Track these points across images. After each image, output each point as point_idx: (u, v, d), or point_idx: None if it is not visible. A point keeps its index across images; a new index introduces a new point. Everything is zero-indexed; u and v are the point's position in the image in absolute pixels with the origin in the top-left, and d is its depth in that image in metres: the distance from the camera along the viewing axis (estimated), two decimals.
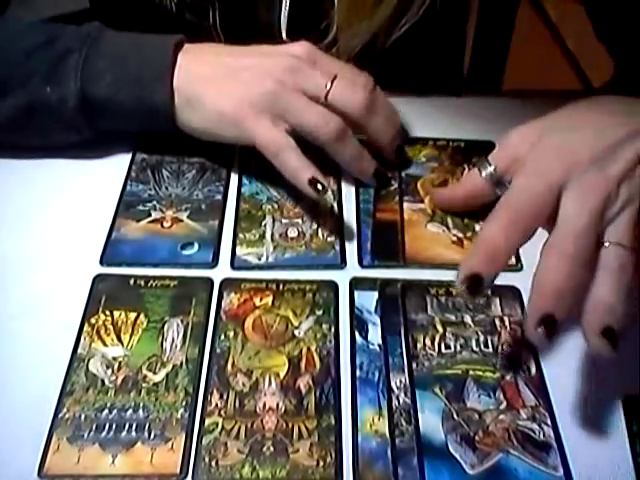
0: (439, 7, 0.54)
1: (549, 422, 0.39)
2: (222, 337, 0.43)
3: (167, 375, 0.41)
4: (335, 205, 0.52)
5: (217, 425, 0.39)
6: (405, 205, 0.52)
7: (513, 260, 0.48)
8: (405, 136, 0.54)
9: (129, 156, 0.55)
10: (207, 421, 0.39)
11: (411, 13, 0.54)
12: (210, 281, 0.46)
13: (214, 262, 0.48)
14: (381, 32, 0.55)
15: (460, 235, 0.49)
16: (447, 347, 0.43)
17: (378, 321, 0.44)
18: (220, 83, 0.50)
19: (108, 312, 0.44)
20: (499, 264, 0.38)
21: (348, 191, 0.53)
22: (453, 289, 0.46)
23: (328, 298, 0.45)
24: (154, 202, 0.51)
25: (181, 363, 0.42)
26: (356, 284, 0.46)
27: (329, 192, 0.49)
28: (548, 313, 0.36)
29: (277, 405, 0.40)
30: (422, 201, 0.52)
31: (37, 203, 0.51)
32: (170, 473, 0.37)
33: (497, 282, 0.45)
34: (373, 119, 0.51)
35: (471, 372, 0.41)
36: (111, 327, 0.43)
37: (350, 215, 0.51)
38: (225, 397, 0.40)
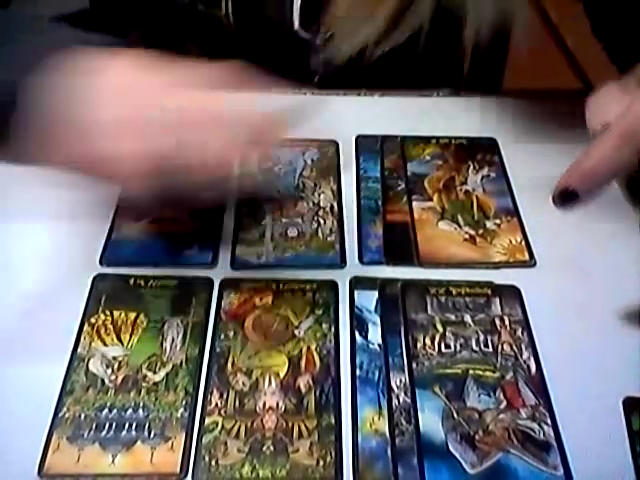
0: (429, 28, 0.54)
1: (549, 422, 0.39)
2: (222, 337, 0.43)
3: (167, 375, 0.41)
4: (335, 205, 0.52)
5: (217, 424, 0.39)
6: (414, 204, 0.52)
7: (527, 256, 0.48)
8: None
9: None
10: (207, 420, 0.39)
11: (399, 33, 0.54)
12: (210, 281, 0.46)
13: (214, 262, 0.47)
14: (370, 44, 0.55)
15: (472, 232, 0.50)
16: (447, 347, 0.43)
17: (378, 321, 0.44)
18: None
19: (108, 312, 0.44)
20: (598, 183, 0.39)
21: (348, 191, 0.53)
22: (453, 288, 0.46)
23: (328, 298, 0.45)
24: None
25: (181, 363, 0.42)
26: (356, 284, 0.46)
27: None
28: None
29: (277, 404, 0.40)
30: (431, 199, 0.52)
31: (37, 203, 0.51)
32: (170, 472, 0.37)
33: (497, 282, 0.46)
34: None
35: (471, 372, 0.41)
36: (111, 327, 0.43)
37: (350, 215, 0.51)
38: (225, 396, 0.40)
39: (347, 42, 0.55)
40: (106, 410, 0.39)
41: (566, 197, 0.39)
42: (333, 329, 0.44)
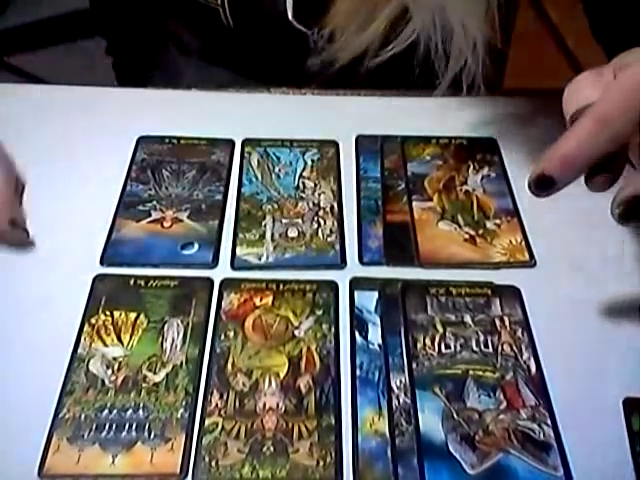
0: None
1: (549, 422, 0.39)
2: (222, 337, 0.43)
3: (167, 375, 0.41)
4: (335, 205, 0.52)
5: (217, 425, 0.39)
6: (414, 204, 0.52)
7: (527, 256, 0.48)
8: None
9: (129, 156, 0.55)
10: (207, 421, 0.39)
11: (400, 39, 0.54)
12: (210, 281, 0.46)
13: (214, 262, 0.48)
14: (370, 50, 0.55)
15: (472, 233, 0.50)
16: (447, 347, 0.43)
17: (378, 321, 0.44)
18: None
19: (108, 312, 0.44)
20: (575, 169, 0.38)
21: (348, 191, 0.53)
22: (453, 289, 0.46)
23: (328, 298, 0.45)
24: (154, 202, 0.51)
25: (181, 363, 0.42)
26: (356, 284, 0.46)
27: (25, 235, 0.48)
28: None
29: (277, 405, 0.40)
30: (431, 199, 0.52)
31: (37, 203, 0.51)
32: (170, 473, 0.37)
33: (497, 282, 0.46)
34: None
35: (471, 372, 0.41)
36: (111, 327, 0.43)
37: (350, 215, 0.51)
38: (225, 397, 0.40)
39: (345, 46, 0.54)
40: (106, 411, 0.39)
41: (542, 183, 0.38)
42: (333, 329, 0.44)
